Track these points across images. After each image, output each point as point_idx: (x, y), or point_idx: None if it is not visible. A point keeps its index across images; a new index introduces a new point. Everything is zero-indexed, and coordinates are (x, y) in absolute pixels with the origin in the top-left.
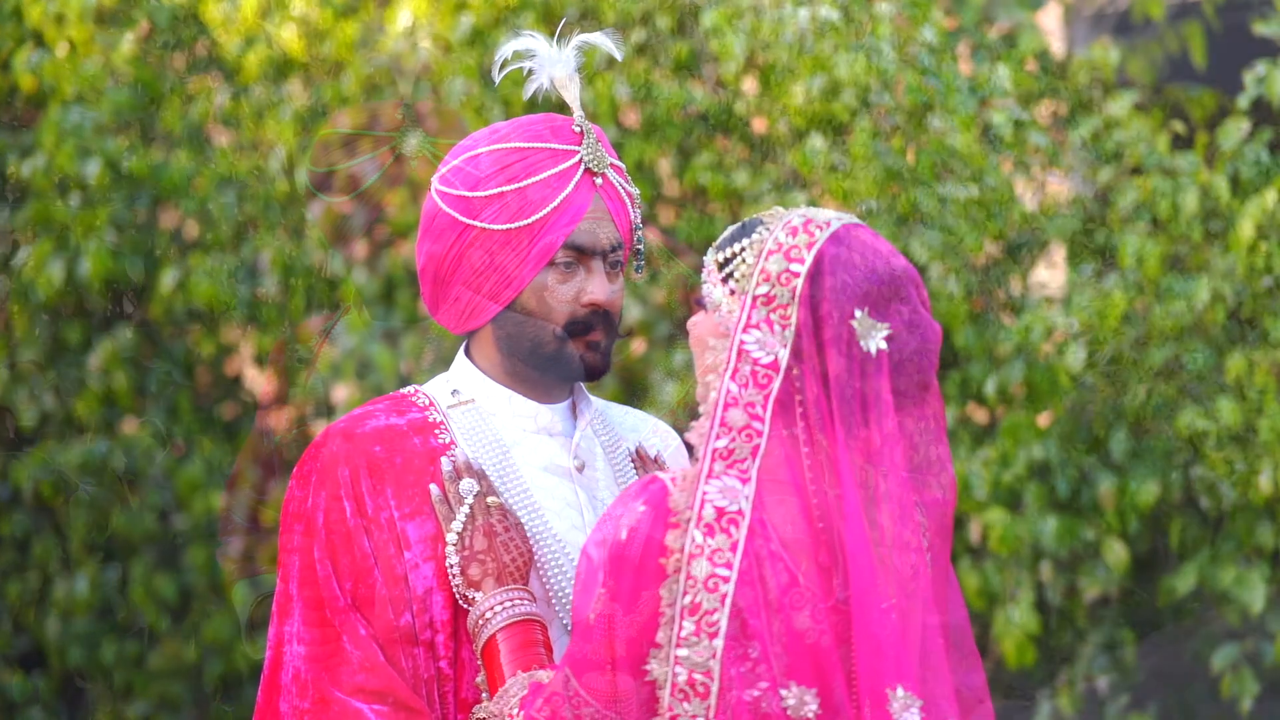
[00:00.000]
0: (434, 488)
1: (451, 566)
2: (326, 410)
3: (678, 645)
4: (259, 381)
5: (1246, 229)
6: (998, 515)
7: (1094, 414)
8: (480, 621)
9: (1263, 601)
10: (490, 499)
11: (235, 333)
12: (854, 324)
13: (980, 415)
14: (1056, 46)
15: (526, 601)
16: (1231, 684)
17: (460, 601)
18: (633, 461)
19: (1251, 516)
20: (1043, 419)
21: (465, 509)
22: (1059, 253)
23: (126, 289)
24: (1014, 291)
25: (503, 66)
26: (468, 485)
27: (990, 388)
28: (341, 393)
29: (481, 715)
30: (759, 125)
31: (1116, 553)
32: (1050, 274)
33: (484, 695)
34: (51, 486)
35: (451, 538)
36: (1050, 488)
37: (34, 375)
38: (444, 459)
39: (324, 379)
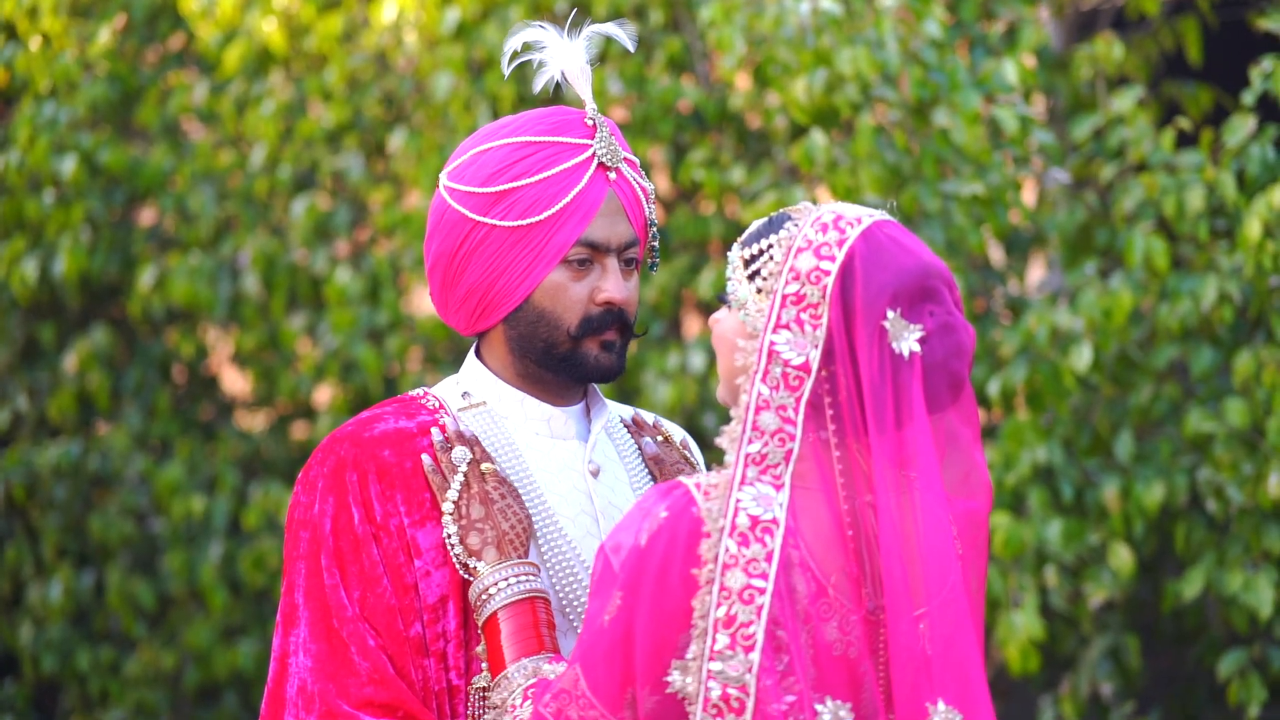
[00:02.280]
0: (426, 458)
1: (450, 536)
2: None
3: (710, 659)
4: (239, 382)
5: (1253, 227)
6: (1001, 519)
7: (1098, 415)
8: (483, 596)
9: (1270, 607)
10: (485, 465)
11: (214, 332)
12: (886, 324)
13: (982, 416)
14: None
15: (530, 577)
16: (1238, 690)
17: (461, 571)
18: (628, 429)
19: (1259, 520)
20: (1046, 420)
21: (460, 477)
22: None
23: (102, 288)
24: (1013, 291)
25: (512, 58)
26: (460, 453)
27: (993, 389)
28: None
29: (481, 685)
30: (754, 120)
31: (1121, 557)
32: (1045, 274)
33: (483, 666)
34: (25, 489)
35: (448, 506)
36: (1054, 491)
37: (6, 376)
38: (434, 429)
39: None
